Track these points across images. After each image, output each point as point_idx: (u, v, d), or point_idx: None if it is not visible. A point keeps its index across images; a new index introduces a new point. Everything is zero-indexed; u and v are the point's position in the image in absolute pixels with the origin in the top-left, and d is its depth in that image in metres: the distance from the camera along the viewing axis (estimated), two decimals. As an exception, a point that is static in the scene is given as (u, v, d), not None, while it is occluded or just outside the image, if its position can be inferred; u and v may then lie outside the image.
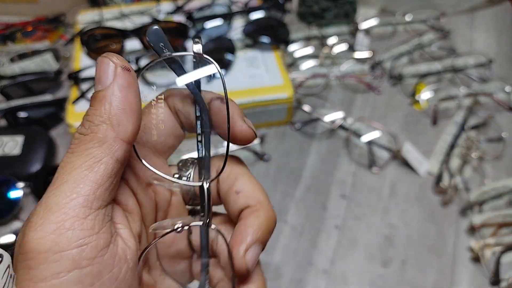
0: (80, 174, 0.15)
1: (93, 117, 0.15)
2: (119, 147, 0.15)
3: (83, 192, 0.15)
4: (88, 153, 0.15)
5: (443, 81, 0.65)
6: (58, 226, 0.14)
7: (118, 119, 0.15)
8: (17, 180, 0.48)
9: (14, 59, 0.61)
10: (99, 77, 0.16)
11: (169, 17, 0.63)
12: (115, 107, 0.15)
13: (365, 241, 0.47)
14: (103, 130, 0.15)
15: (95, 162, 0.15)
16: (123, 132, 0.16)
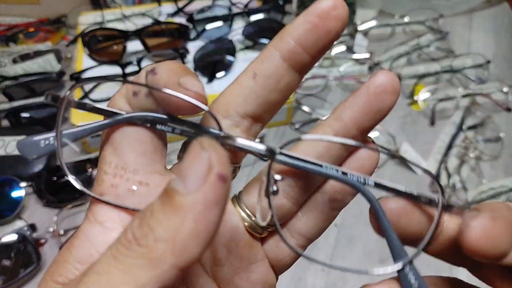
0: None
1: (156, 225, 0.11)
2: (173, 275, 0.11)
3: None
4: (133, 273, 0.11)
5: (441, 81, 0.65)
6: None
7: (186, 245, 0.11)
8: (19, 180, 0.48)
9: (16, 60, 0.61)
10: (185, 172, 0.11)
11: (170, 19, 0.63)
12: (189, 227, 0.11)
13: (364, 239, 0.48)
14: (162, 250, 0.11)
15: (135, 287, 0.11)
16: (184, 260, 0.11)
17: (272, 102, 0.16)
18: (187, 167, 0.11)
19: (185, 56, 0.56)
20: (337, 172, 0.15)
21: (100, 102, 0.51)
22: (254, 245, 0.18)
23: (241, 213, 0.18)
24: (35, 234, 0.45)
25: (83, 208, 0.49)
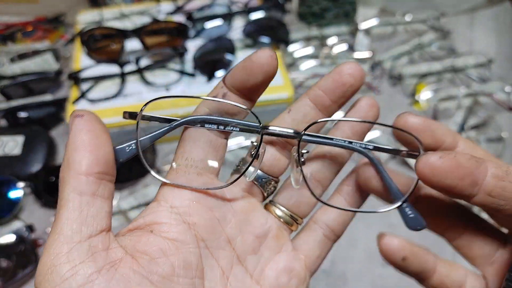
0: (57, 222, 0.16)
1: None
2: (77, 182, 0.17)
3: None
4: (60, 197, 0.17)
5: (443, 81, 0.65)
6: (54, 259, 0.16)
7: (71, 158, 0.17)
8: (17, 180, 0.48)
9: (14, 59, 0.61)
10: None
11: (169, 17, 0.63)
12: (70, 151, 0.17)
13: (365, 241, 0.47)
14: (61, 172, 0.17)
15: (61, 200, 0.17)
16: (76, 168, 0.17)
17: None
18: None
19: (184, 55, 0.56)
20: (345, 142, 0.22)
21: (98, 101, 0.51)
22: (281, 237, 0.22)
23: (276, 211, 0.22)
24: (33, 234, 0.45)
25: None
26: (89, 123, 0.18)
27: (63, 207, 0.17)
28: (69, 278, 0.16)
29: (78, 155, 0.17)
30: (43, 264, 0.16)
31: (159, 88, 0.53)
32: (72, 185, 0.17)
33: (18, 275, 0.42)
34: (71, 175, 0.17)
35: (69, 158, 0.17)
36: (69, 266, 0.16)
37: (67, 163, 0.17)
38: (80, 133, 0.17)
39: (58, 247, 0.16)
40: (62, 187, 0.17)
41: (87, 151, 0.17)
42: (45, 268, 0.16)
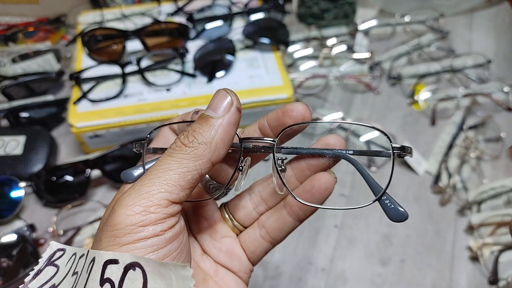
0: (173, 176, 0.18)
1: (198, 135, 0.19)
2: (208, 166, 0.19)
3: (170, 190, 0.18)
4: (184, 163, 0.19)
5: (442, 81, 0.65)
6: (145, 209, 0.18)
7: (217, 146, 0.19)
8: (18, 179, 0.48)
9: (16, 60, 0.61)
10: (215, 105, 0.19)
11: (170, 18, 0.63)
12: (219, 136, 0.19)
13: (364, 240, 0.48)
14: (202, 149, 0.19)
15: (187, 171, 0.19)
16: (215, 157, 0.19)
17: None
18: (216, 101, 0.20)
19: (185, 56, 0.56)
20: (326, 150, 0.23)
21: (99, 102, 0.51)
22: (224, 226, 0.26)
23: (226, 215, 0.26)
24: (35, 234, 0.45)
25: (82, 208, 0.49)
26: (238, 124, 0.21)
27: (182, 175, 0.19)
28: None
29: (222, 148, 0.20)
30: (137, 204, 0.18)
31: (160, 88, 0.53)
32: (202, 166, 0.19)
33: (19, 275, 0.42)
34: (207, 158, 0.19)
35: (215, 144, 0.19)
36: (163, 216, 0.19)
37: (210, 146, 0.19)
38: (232, 129, 0.20)
39: (161, 200, 0.19)
40: (193, 159, 0.19)
41: (227, 148, 0.20)
42: (139, 209, 0.18)
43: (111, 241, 0.17)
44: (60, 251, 0.20)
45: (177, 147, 0.19)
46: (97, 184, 0.51)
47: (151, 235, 0.18)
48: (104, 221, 0.19)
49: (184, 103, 0.52)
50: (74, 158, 0.53)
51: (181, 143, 0.19)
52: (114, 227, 0.17)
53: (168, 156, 0.19)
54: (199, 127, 0.19)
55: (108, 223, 0.18)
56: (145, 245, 0.17)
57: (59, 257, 0.20)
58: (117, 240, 0.17)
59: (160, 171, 0.18)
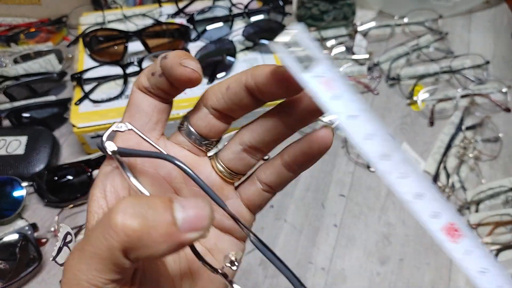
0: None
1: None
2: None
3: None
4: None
5: (440, 82, 0.66)
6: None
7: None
8: (20, 179, 0.48)
9: (18, 60, 0.61)
10: (193, 222, 0.15)
11: (171, 19, 0.64)
12: (164, 251, 0.15)
13: (363, 240, 0.48)
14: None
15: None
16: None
17: (233, 109, 0.22)
18: (192, 213, 0.15)
19: (186, 57, 0.56)
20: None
21: (101, 102, 0.52)
22: (225, 187, 0.23)
23: (218, 166, 0.23)
24: (36, 233, 0.45)
25: (84, 207, 0.49)
26: None
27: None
28: None
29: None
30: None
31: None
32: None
33: (21, 274, 0.42)
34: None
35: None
36: None
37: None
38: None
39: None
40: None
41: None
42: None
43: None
44: (70, 235, 0.22)
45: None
46: (99, 184, 0.51)
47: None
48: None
49: (185, 104, 0.52)
50: (76, 158, 0.54)
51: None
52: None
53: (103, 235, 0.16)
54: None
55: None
56: None
57: (70, 241, 0.22)
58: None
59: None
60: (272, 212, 0.50)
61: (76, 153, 0.55)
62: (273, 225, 0.48)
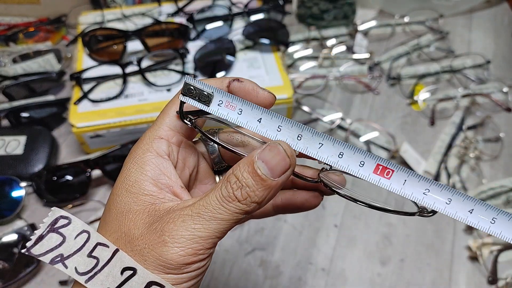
0: (224, 226, 0.20)
1: (252, 194, 0.19)
2: (248, 217, 0.22)
3: (219, 236, 0.20)
4: (235, 216, 0.20)
5: (441, 81, 0.65)
6: (196, 251, 0.20)
7: (265, 204, 0.20)
8: (19, 179, 0.48)
9: (17, 60, 0.61)
10: (273, 167, 0.19)
11: (170, 19, 0.63)
12: (270, 197, 0.20)
13: (364, 240, 0.48)
14: (253, 207, 0.20)
15: (234, 222, 0.20)
16: (262, 207, 0.21)
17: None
18: (276, 164, 0.20)
19: (185, 56, 0.56)
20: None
21: (100, 102, 0.51)
22: (209, 171, 0.27)
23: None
24: (35, 234, 0.45)
25: (83, 207, 0.49)
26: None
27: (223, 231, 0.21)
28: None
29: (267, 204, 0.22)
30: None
31: (161, 88, 0.53)
32: (238, 221, 0.21)
33: (19, 274, 0.42)
34: (251, 212, 0.21)
35: (264, 203, 0.21)
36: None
37: (260, 205, 0.21)
38: (280, 187, 0.21)
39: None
40: (240, 216, 0.21)
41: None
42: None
43: (159, 268, 0.19)
44: (64, 219, 0.20)
45: (230, 199, 0.19)
46: (98, 184, 0.51)
47: (194, 269, 0.19)
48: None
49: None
50: (75, 158, 0.53)
51: (235, 196, 0.19)
52: (166, 261, 0.19)
53: (222, 205, 0.19)
54: (254, 186, 0.19)
55: (157, 252, 0.19)
56: (187, 276, 0.19)
57: (63, 225, 0.20)
58: (165, 269, 0.19)
59: (213, 218, 0.19)
60: (272, 212, 0.50)
61: (75, 153, 0.54)
62: (273, 225, 0.48)
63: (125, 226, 0.20)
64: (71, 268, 0.19)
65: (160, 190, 0.21)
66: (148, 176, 0.21)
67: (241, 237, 0.47)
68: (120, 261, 0.19)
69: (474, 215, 0.19)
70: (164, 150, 0.22)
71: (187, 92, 0.21)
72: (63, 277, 0.43)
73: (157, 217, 0.20)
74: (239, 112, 0.21)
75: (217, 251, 0.46)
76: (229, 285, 0.44)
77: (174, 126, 0.23)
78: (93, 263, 0.19)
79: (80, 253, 0.19)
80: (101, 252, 0.19)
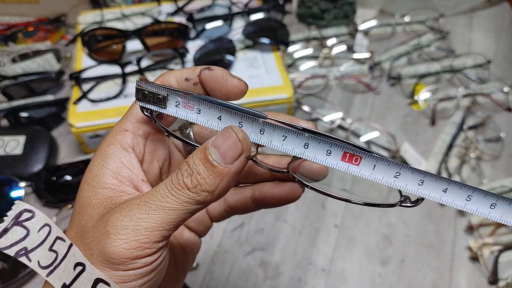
0: (172, 217, 0.18)
1: (203, 182, 0.18)
2: (203, 208, 0.19)
3: (167, 228, 0.18)
4: (184, 205, 0.18)
5: (441, 81, 0.65)
6: (141, 245, 0.18)
7: (219, 195, 0.19)
8: (18, 179, 0.48)
9: (16, 60, 0.61)
10: (224, 153, 0.18)
11: (170, 18, 0.63)
12: (223, 185, 0.18)
13: (364, 240, 0.48)
14: (204, 197, 0.18)
15: (186, 213, 0.18)
16: (213, 201, 0.19)
17: None
18: (226, 149, 0.18)
19: (185, 56, 0.56)
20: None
21: (99, 102, 0.51)
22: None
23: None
24: (34, 234, 0.45)
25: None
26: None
27: (183, 216, 0.20)
28: None
29: (222, 196, 0.21)
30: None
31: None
32: (192, 212, 0.20)
33: (19, 275, 0.42)
34: (208, 203, 0.20)
35: (218, 194, 0.20)
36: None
37: (212, 194, 0.19)
38: (235, 177, 0.20)
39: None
40: (193, 204, 0.19)
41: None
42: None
43: (104, 263, 0.18)
44: (28, 212, 0.20)
45: (179, 186, 0.18)
46: (97, 184, 0.51)
47: (142, 265, 0.18)
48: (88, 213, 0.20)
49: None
50: (74, 158, 0.53)
51: (184, 183, 0.18)
52: (109, 256, 0.18)
53: (170, 193, 0.18)
54: (205, 172, 0.18)
55: (101, 245, 0.18)
56: (134, 273, 0.18)
57: (27, 219, 0.20)
58: (109, 265, 0.18)
59: (160, 207, 0.18)
60: (272, 213, 0.49)
61: (74, 153, 0.54)
62: (273, 225, 0.48)
63: (83, 220, 0.20)
64: (35, 262, 0.19)
65: (121, 183, 0.20)
66: (109, 169, 0.20)
67: (241, 237, 0.47)
68: (73, 256, 0.18)
69: (448, 195, 0.19)
70: (128, 143, 0.21)
71: (142, 97, 0.21)
72: (62, 278, 0.43)
73: (110, 210, 0.19)
74: (198, 112, 0.21)
75: (217, 251, 0.46)
76: (229, 285, 0.44)
77: (141, 118, 0.22)
78: (53, 257, 0.19)
79: (42, 246, 0.19)
80: (59, 246, 0.19)
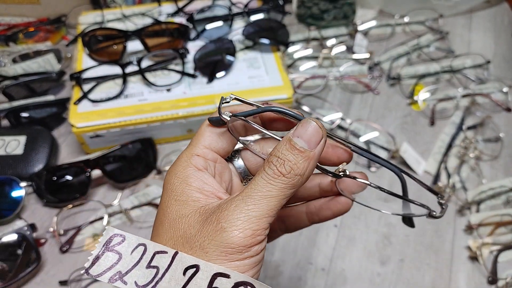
0: (275, 204, 0.21)
1: (295, 167, 0.21)
2: (294, 192, 0.22)
3: (272, 215, 0.21)
4: (283, 192, 0.21)
5: (441, 81, 0.65)
6: (254, 232, 0.20)
7: (308, 177, 0.22)
8: (19, 179, 0.48)
9: (16, 60, 0.61)
10: (309, 139, 0.21)
11: (170, 19, 0.63)
12: (310, 168, 0.21)
13: (364, 240, 0.48)
14: (297, 180, 0.21)
15: (284, 199, 0.21)
16: (303, 184, 0.22)
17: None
18: (310, 136, 0.21)
19: (185, 56, 0.56)
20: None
21: (100, 102, 0.51)
22: (241, 187, 0.28)
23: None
24: (35, 234, 0.45)
25: (83, 208, 0.49)
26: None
27: (280, 202, 0.22)
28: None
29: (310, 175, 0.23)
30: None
31: (160, 88, 0.53)
32: (289, 195, 0.22)
33: (20, 274, 0.42)
34: (299, 186, 0.22)
35: (307, 175, 0.22)
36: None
37: (304, 178, 0.22)
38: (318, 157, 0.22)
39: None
40: (289, 189, 0.22)
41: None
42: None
43: (222, 256, 0.19)
44: (118, 236, 0.21)
45: (275, 175, 0.21)
46: (98, 184, 0.51)
47: (254, 253, 0.20)
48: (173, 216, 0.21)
49: (185, 104, 0.52)
50: (75, 158, 0.53)
51: (279, 172, 0.21)
52: (227, 246, 0.19)
53: (269, 183, 0.21)
54: (295, 158, 0.21)
55: (218, 240, 0.19)
56: (249, 262, 0.20)
57: (118, 243, 0.21)
58: (228, 256, 0.19)
59: (263, 197, 0.20)
60: (272, 212, 0.50)
61: (75, 153, 0.54)
62: (273, 225, 0.48)
63: (180, 230, 0.21)
64: (131, 284, 0.19)
65: (206, 197, 0.22)
66: (194, 187, 0.22)
67: (241, 237, 0.47)
68: (180, 262, 0.19)
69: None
70: (202, 165, 0.23)
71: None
72: (63, 277, 0.43)
73: (210, 213, 0.21)
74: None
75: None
76: (229, 285, 0.44)
77: (209, 145, 0.24)
78: (153, 272, 0.19)
79: (138, 266, 0.20)
80: (159, 260, 0.20)
